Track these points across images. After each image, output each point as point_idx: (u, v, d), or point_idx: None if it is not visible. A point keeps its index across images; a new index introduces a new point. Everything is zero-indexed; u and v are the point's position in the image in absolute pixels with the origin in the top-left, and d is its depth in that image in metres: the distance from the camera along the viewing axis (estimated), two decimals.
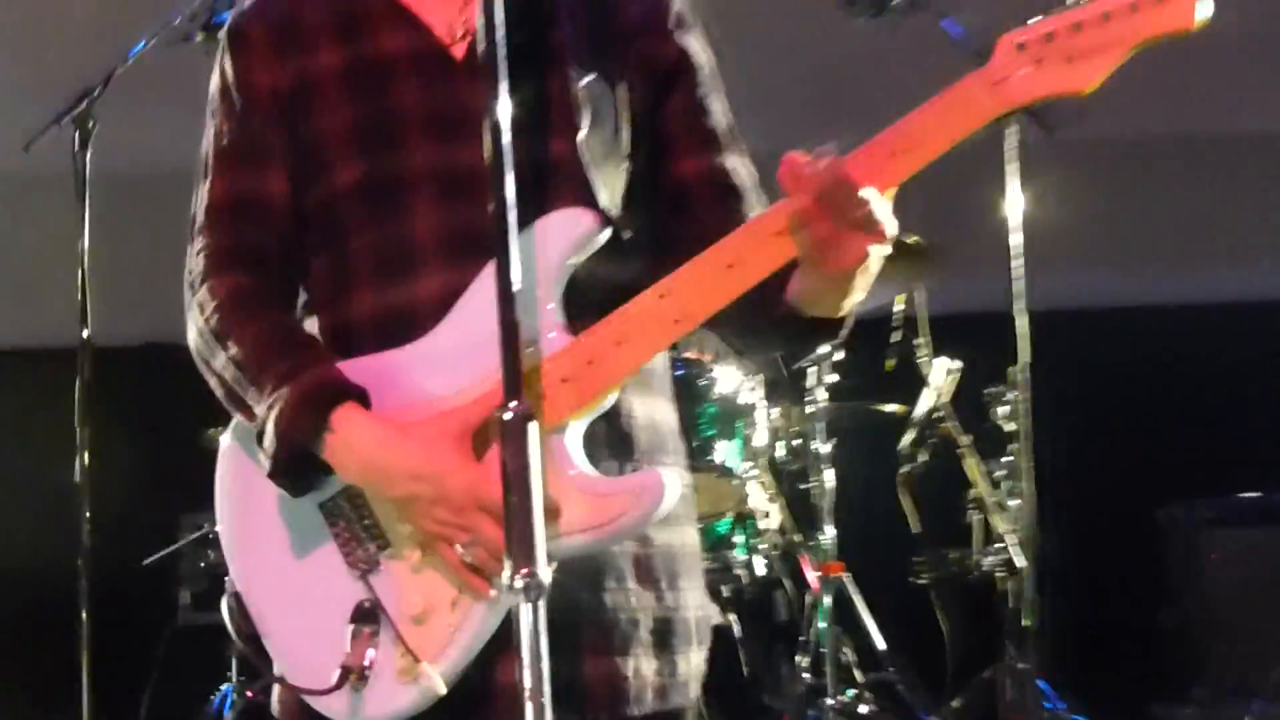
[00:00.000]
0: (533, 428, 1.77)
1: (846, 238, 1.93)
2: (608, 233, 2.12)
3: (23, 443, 5.05)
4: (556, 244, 2.08)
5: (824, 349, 4.34)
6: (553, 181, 2.15)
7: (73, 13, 5.77)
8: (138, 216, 4.59)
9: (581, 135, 2.17)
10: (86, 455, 4.65)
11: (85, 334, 4.70)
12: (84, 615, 4.55)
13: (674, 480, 2.07)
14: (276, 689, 2.21)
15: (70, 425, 4.65)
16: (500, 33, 1.85)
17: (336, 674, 2.05)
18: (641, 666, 2.16)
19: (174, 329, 2.26)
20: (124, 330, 4.71)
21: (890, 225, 1.92)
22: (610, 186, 2.18)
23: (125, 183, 4.75)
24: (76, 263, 4.73)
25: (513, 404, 1.76)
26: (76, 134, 4.73)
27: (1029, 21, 1.96)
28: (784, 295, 2.07)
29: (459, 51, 2.20)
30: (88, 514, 4.62)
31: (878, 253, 1.95)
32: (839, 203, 1.91)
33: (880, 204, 1.90)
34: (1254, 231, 5.99)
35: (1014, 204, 4.25)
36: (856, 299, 2.09)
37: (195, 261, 2.23)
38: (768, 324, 2.16)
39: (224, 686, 4.29)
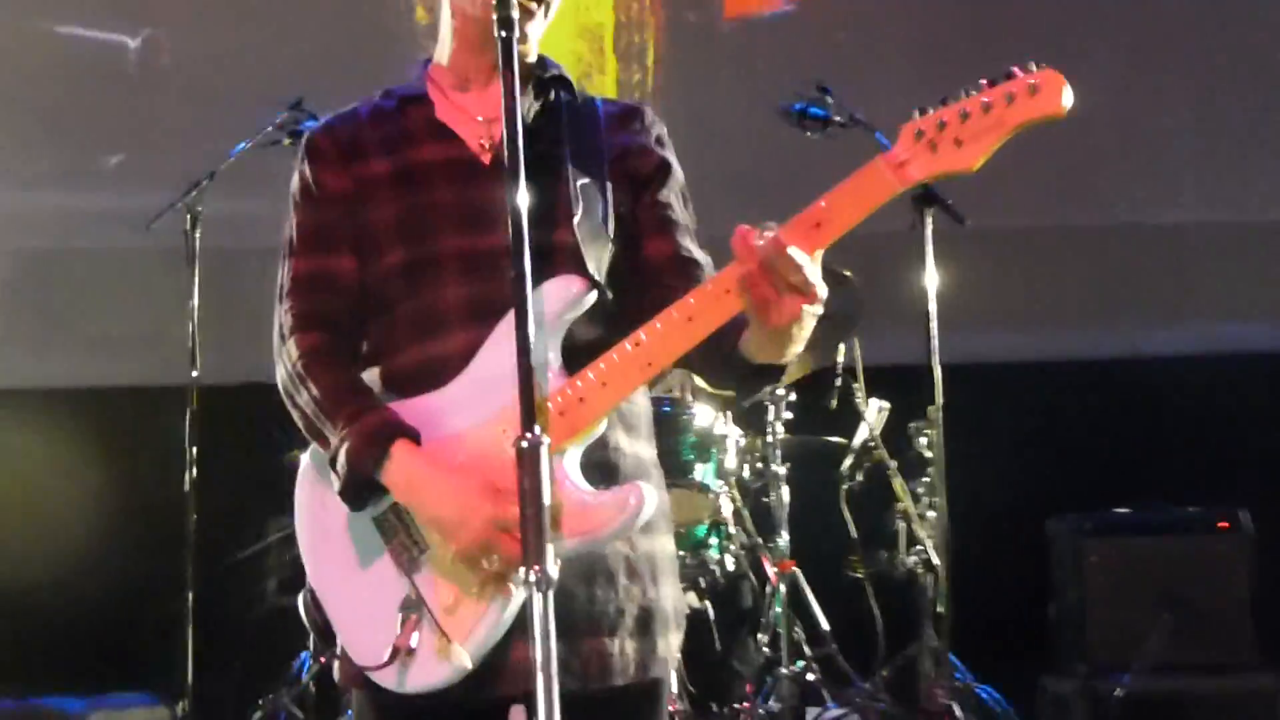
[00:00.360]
0: (544, 453, 1.83)
1: (785, 298, 1.95)
2: (594, 295, 2.17)
3: (145, 461, 5.03)
4: (555, 304, 2.13)
5: (773, 390, 4.33)
6: (555, 257, 2.16)
7: (185, 119, 5.80)
8: (236, 282, 4.60)
9: (576, 223, 2.21)
10: (194, 470, 4.67)
11: (194, 374, 4.74)
12: (190, 597, 4.56)
13: (653, 494, 2.11)
14: (338, 663, 2.24)
15: (182, 447, 4.67)
16: (521, 145, 1.91)
17: (388, 651, 2.09)
18: (626, 646, 2.18)
19: (265, 372, 2.30)
20: (225, 372, 4.71)
21: (820, 289, 1.94)
22: (598, 261, 2.21)
23: (225, 255, 4.77)
24: (187, 318, 4.76)
25: (529, 435, 1.82)
26: (188, 216, 4.78)
27: (925, 112, 2.00)
28: (736, 345, 2.11)
29: (485, 159, 2.23)
30: (194, 516, 4.64)
31: (810, 312, 1.97)
32: (778, 267, 1.93)
33: (811, 268, 1.93)
34: (1115, 299, 6.00)
35: (931, 278, 4.28)
36: (795, 350, 2.09)
37: (283, 319, 2.26)
38: (723, 367, 2.20)
39: (302, 654, 4.27)
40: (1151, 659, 4.69)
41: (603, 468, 2.18)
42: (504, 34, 1.98)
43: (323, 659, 4.02)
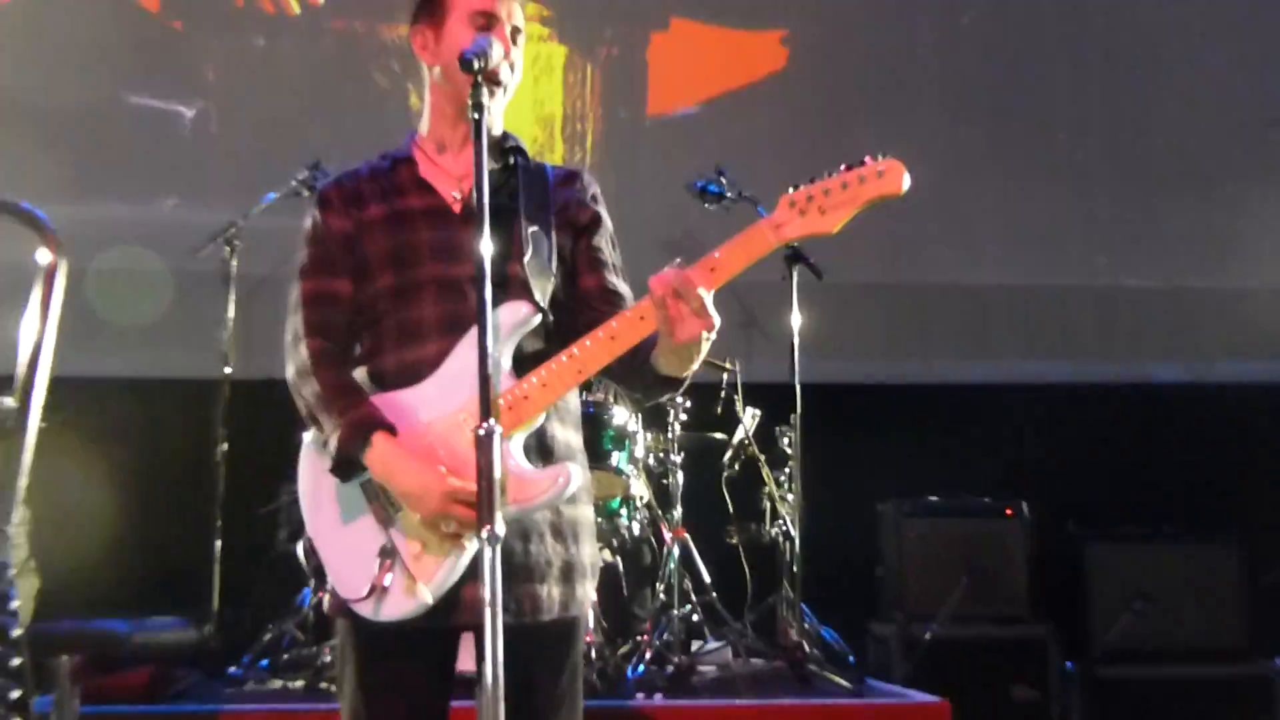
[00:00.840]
0: (496, 439, 1.81)
1: (688, 319, 1.97)
2: (539, 317, 2.17)
3: (187, 437, 4.95)
4: (508, 322, 2.14)
5: (673, 398, 4.33)
6: (509, 287, 2.17)
7: (227, 173, 5.74)
8: (261, 299, 4.55)
9: (526, 260, 2.20)
10: (225, 445, 4.64)
11: (227, 370, 4.72)
12: (217, 544, 4.52)
13: (578, 473, 2.13)
14: (328, 596, 2.22)
15: (215, 427, 4.65)
16: (486, 199, 1.90)
17: (367, 588, 2.08)
18: (553, 591, 2.18)
19: (281, 370, 2.27)
20: (250, 369, 4.66)
21: (714, 318, 1.98)
22: (542, 291, 2.21)
23: (254, 278, 4.72)
24: (223, 326, 4.73)
25: (486, 423, 1.80)
26: (227, 247, 4.74)
27: (797, 186, 2.02)
28: (648, 360, 2.12)
29: (456, 208, 2.24)
30: (222, 483, 4.61)
31: (706, 336, 2.00)
32: (684, 295, 1.95)
33: (708, 299, 1.96)
34: (931, 338, 6.08)
35: (795, 318, 4.31)
36: (693, 367, 2.12)
37: (295, 327, 2.25)
38: (636, 377, 2.21)
39: (304, 590, 4.23)
40: (952, 611, 4.73)
41: (541, 449, 2.18)
42: (476, 116, 1.97)
43: (320, 593, 3.97)
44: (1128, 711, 4.75)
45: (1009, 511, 5.00)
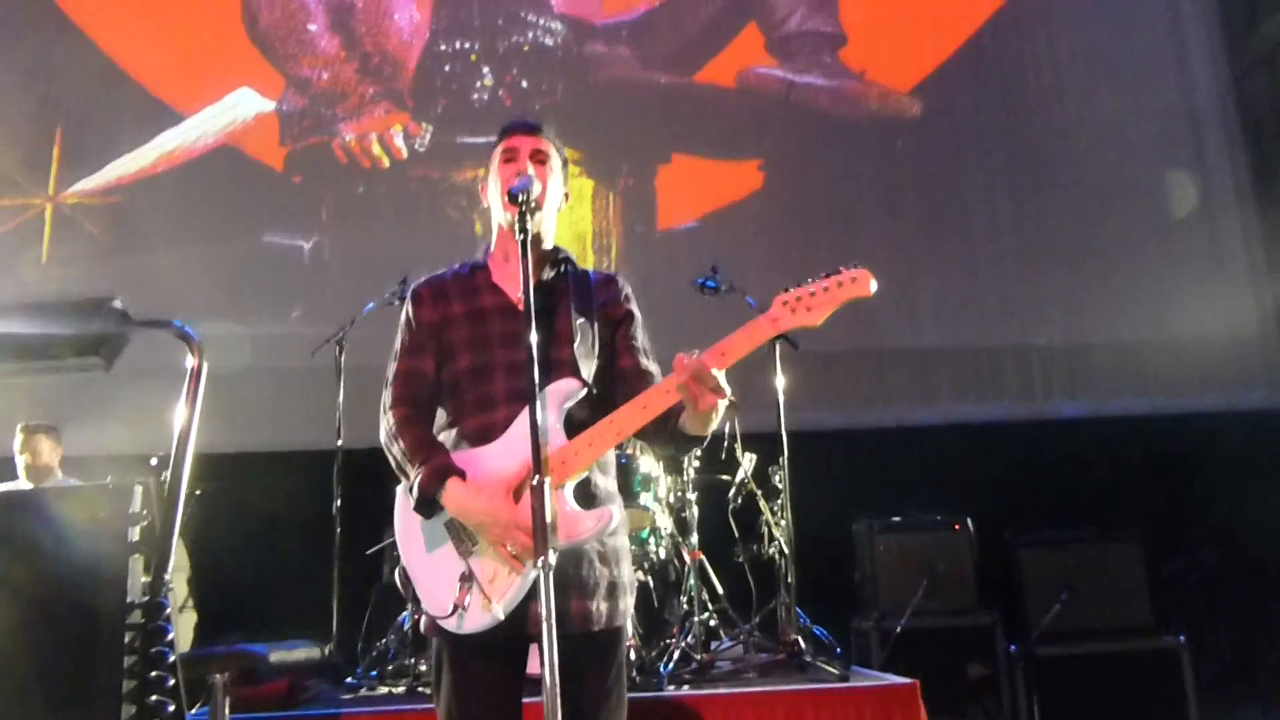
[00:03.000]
0: (547, 487, 1.79)
1: (706, 395, 1.95)
2: (585, 391, 2.14)
3: (308, 496, 4.90)
4: (559, 396, 2.10)
5: (694, 450, 4.28)
6: (561, 367, 2.14)
7: (337, 290, 5.78)
8: (364, 385, 4.54)
9: (575, 346, 2.19)
10: (339, 500, 4.58)
11: (339, 443, 4.66)
12: (335, 577, 4.45)
13: (619, 513, 2.08)
14: (423, 618, 2.18)
15: (332, 486, 4.61)
16: (532, 302, 1.91)
17: (451, 607, 2.03)
18: (601, 605, 2.12)
19: (379, 440, 2.23)
20: (357, 441, 4.61)
21: (727, 390, 1.96)
22: (588, 370, 2.18)
23: (359, 370, 4.69)
24: (335, 409, 4.70)
25: (538, 477, 1.78)
26: (338, 346, 4.72)
27: (789, 289, 1.99)
28: (676, 424, 2.09)
29: (520, 306, 2.19)
30: (338, 529, 4.54)
31: (721, 404, 1.98)
32: (701, 376, 1.93)
33: (720, 377, 1.94)
34: (888, 389, 6.06)
35: (779, 379, 4.25)
36: (712, 427, 2.10)
37: (387, 397, 2.22)
38: (667, 437, 2.18)
39: (404, 614, 4.14)
40: (916, 608, 4.62)
41: (586, 495, 2.13)
42: (521, 237, 1.99)
43: (416, 615, 3.91)
44: (1062, 682, 4.61)
45: (957, 526, 4.91)
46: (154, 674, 1.19)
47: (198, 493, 4.22)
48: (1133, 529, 4.96)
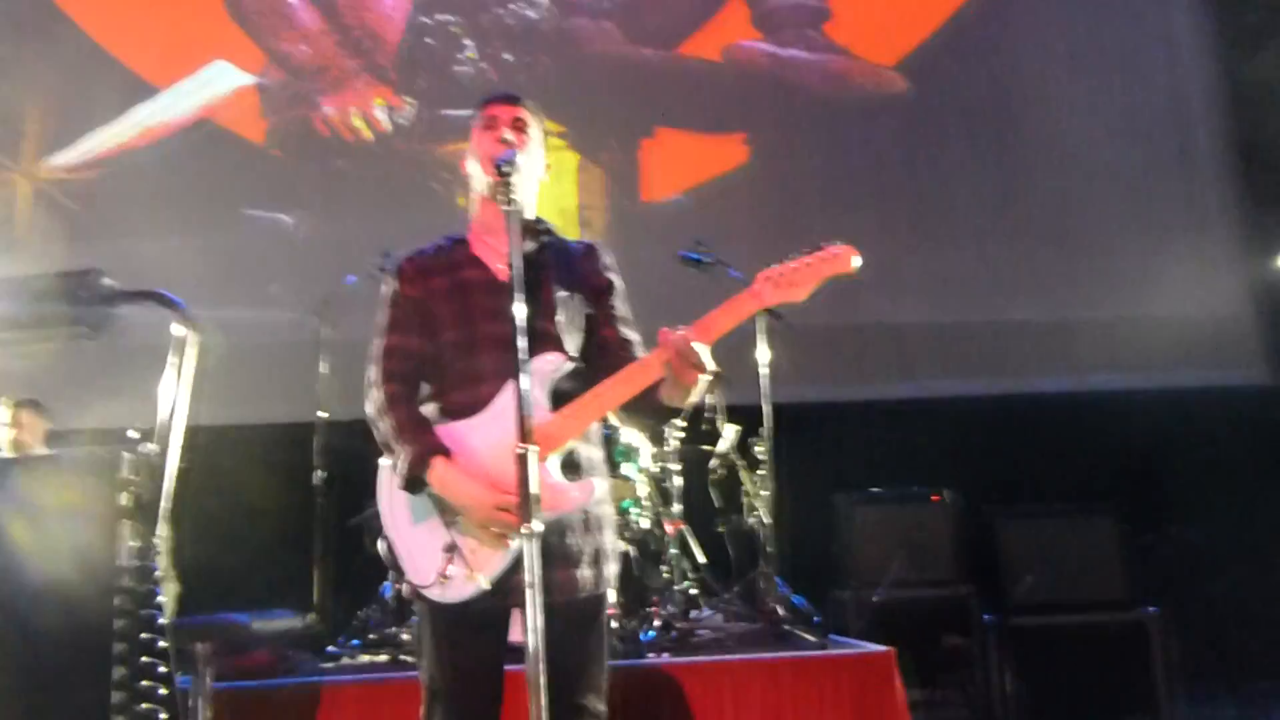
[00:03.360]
0: (533, 458, 1.81)
1: (688, 368, 1.98)
2: (570, 365, 2.16)
3: (291, 468, 4.85)
4: (545, 369, 2.12)
5: (672, 419, 4.30)
6: (545, 341, 2.15)
7: (318, 262, 5.73)
8: (346, 357, 4.53)
9: (558, 318, 2.20)
10: (321, 472, 4.59)
11: (321, 414, 4.67)
12: (317, 544, 4.46)
13: (601, 485, 2.12)
14: (405, 586, 2.21)
15: (311, 465, 4.61)
16: (520, 272, 1.91)
17: (434, 577, 2.06)
18: (585, 573, 2.16)
19: (360, 411, 2.26)
20: (338, 413, 4.63)
21: (710, 365, 1.99)
22: (573, 342, 2.21)
23: (341, 343, 4.69)
24: (317, 381, 4.69)
25: (524, 446, 1.80)
26: (318, 319, 4.71)
27: (772, 266, 2.02)
28: (657, 396, 2.12)
29: (503, 278, 2.20)
30: (320, 500, 4.55)
31: (703, 379, 2.00)
32: (684, 352, 1.96)
33: (704, 351, 1.97)
34: (868, 363, 6.08)
35: (763, 353, 4.28)
36: (693, 399, 2.14)
37: (373, 373, 2.24)
38: (650, 409, 2.21)
39: (385, 584, 4.16)
40: (894, 579, 4.68)
41: (571, 464, 2.16)
42: (507, 207, 1.99)
43: (397, 584, 3.94)
44: (1037, 653, 4.68)
45: (935, 498, 4.96)
46: (144, 636, 1.21)
47: (181, 465, 4.21)
48: (1109, 503, 5.02)
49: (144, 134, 6.05)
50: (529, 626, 1.79)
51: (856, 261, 2.03)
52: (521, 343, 1.90)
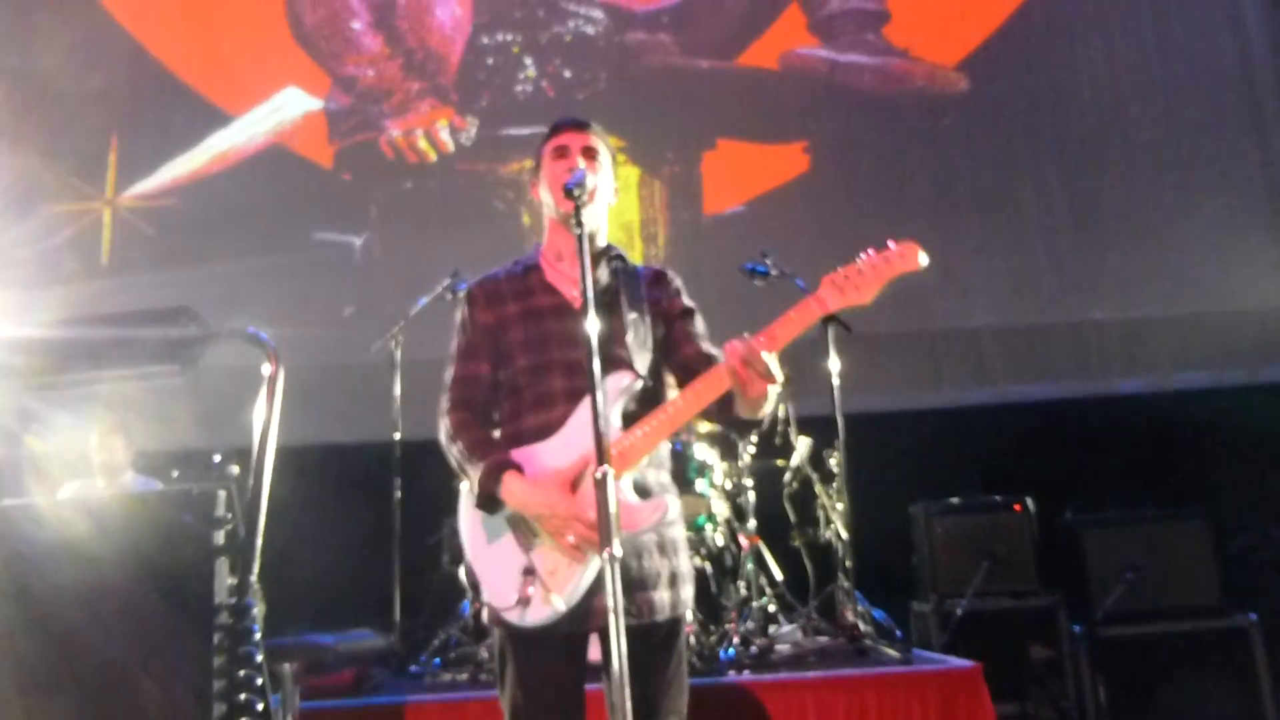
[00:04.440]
0: (610, 479, 1.78)
1: (756, 380, 1.95)
2: (639, 384, 2.14)
3: (370, 488, 4.91)
4: (616, 389, 2.11)
5: (751, 433, 4.27)
6: (615, 363, 2.14)
7: (390, 286, 5.83)
8: (420, 377, 4.58)
9: (629, 340, 2.18)
10: (399, 492, 4.62)
11: (397, 436, 4.71)
12: (397, 568, 4.49)
13: (675, 503, 2.08)
14: (485, 608, 2.20)
15: (391, 478, 4.64)
16: (591, 297, 1.90)
17: (514, 599, 2.05)
18: (663, 595, 2.13)
19: (435, 431, 2.26)
20: (415, 433, 4.67)
21: (778, 374, 1.95)
22: (642, 364, 2.19)
23: (414, 363, 4.74)
24: (393, 402, 4.74)
25: (601, 468, 1.78)
26: (393, 342, 4.77)
27: (837, 269, 1.97)
28: (731, 409, 2.09)
29: (575, 304, 2.19)
30: (399, 518, 4.59)
31: (773, 391, 1.96)
32: (750, 360, 1.93)
33: (772, 360, 1.93)
34: (939, 372, 5.92)
35: (834, 363, 4.22)
36: (766, 410, 2.11)
37: (444, 402, 2.24)
38: (725, 421, 2.19)
39: (464, 602, 4.17)
40: (976, 589, 4.56)
41: (642, 489, 2.14)
42: (578, 231, 1.98)
43: (477, 605, 3.95)
44: (1128, 664, 4.51)
45: (1017, 507, 4.81)
46: (242, 673, 1.22)
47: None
48: (1197, 505, 4.83)
49: (218, 160, 6.21)
50: (614, 651, 1.76)
51: (924, 259, 1.97)
52: (595, 367, 1.89)
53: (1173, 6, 6.43)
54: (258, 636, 1.30)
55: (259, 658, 1.28)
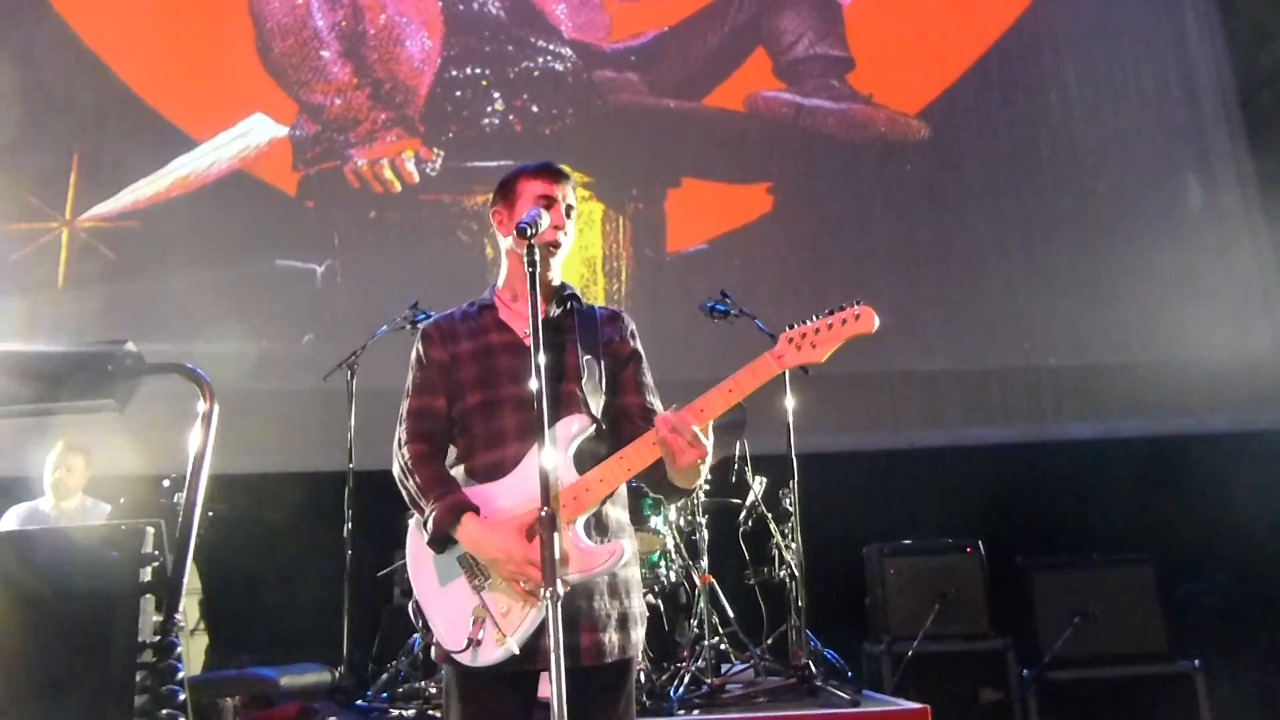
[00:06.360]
0: (557, 518, 1.78)
1: (685, 450, 1.97)
2: (594, 427, 2.14)
3: (318, 518, 4.89)
4: (568, 431, 2.10)
5: (681, 500, 4.27)
6: (569, 404, 2.15)
7: (349, 313, 5.79)
8: (376, 408, 4.55)
9: (582, 382, 2.18)
10: (350, 524, 4.57)
11: (351, 465, 4.67)
12: (345, 600, 4.43)
13: (629, 547, 2.07)
14: (434, 647, 2.17)
15: (343, 509, 4.59)
16: (541, 336, 1.90)
17: (465, 642, 2.02)
18: (612, 637, 2.12)
19: (389, 462, 2.24)
20: (368, 463, 4.62)
21: (706, 447, 1.97)
22: (595, 406, 2.18)
23: (370, 393, 4.70)
24: (347, 432, 4.70)
25: (547, 508, 1.77)
26: (349, 370, 4.74)
27: (794, 326, 1.99)
28: (664, 474, 2.08)
29: (527, 343, 2.18)
30: (349, 551, 4.53)
31: (702, 463, 2.01)
32: (679, 431, 1.94)
33: (700, 434, 1.96)
34: (891, 412, 5.97)
35: (789, 402, 4.24)
36: (698, 482, 2.14)
37: (401, 434, 2.22)
38: (658, 484, 2.17)
39: (414, 636, 4.13)
40: (926, 632, 4.57)
41: (599, 526, 2.14)
42: (531, 270, 1.99)
43: (426, 640, 3.89)
44: (1075, 708, 4.54)
45: (968, 549, 4.85)
46: (164, 712, 1.19)
47: (210, 514, 4.22)
48: (1146, 552, 4.90)
49: (180, 184, 6.16)
50: (553, 693, 1.75)
51: (877, 323, 2.01)
52: (543, 406, 1.88)
53: (1128, 62, 6.63)
54: (181, 675, 1.27)
55: (181, 697, 1.25)
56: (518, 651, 2.00)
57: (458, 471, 2.21)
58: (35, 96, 6.18)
